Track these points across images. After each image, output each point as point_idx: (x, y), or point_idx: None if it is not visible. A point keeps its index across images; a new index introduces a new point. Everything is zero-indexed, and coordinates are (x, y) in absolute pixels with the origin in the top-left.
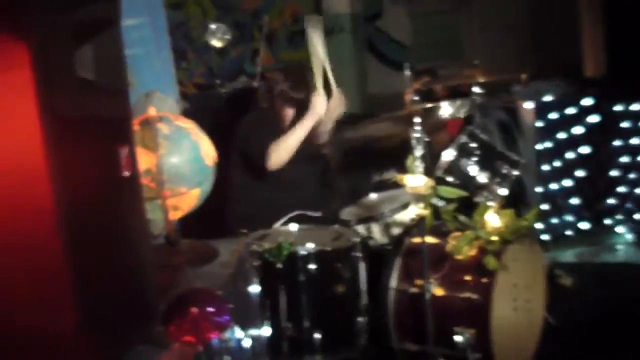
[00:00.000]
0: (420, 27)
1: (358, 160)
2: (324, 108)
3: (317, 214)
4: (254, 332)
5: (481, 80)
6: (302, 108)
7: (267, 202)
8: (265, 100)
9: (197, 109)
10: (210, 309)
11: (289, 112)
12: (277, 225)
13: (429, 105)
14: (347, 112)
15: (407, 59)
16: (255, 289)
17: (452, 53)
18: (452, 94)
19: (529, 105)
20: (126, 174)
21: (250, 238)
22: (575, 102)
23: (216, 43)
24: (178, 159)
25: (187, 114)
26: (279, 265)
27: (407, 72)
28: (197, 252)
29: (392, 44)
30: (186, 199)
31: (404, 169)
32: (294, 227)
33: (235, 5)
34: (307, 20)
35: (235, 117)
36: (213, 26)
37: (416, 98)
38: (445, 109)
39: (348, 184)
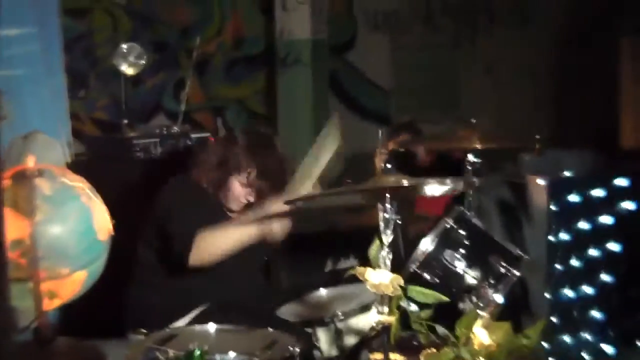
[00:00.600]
0: (403, 65)
1: (308, 242)
2: (283, 229)
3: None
4: None
5: (479, 145)
6: (261, 194)
7: (182, 291)
8: (206, 165)
9: (95, 156)
10: None
11: (242, 195)
12: (188, 319)
13: (405, 180)
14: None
15: (384, 107)
16: None
17: (444, 104)
18: (439, 161)
19: (541, 181)
20: None
21: (151, 340)
22: (605, 182)
23: (127, 69)
24: (60, 229)
25: (79, 164)
26: None
27: (382, 130)
28: (78, 355)
29: (364, 84)
30: (67, 283)
31: (366, 260)
32: (212, 327)
33: (158, 18)
34: (331, 119)
35: (151, 177)
36: (125, 46)
37: (389, 166)
38: (430, 188)
39: (292, 272)
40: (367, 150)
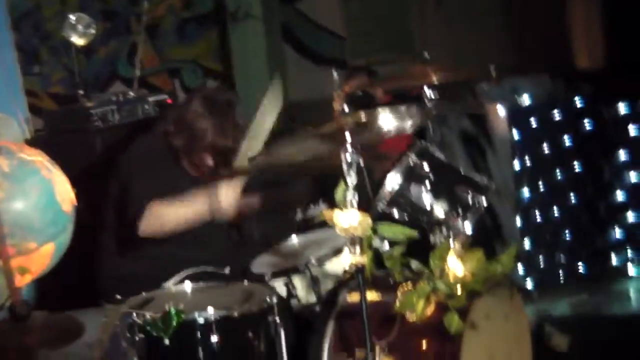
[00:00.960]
0: (355, 10)
1: (274, 194)
2: (229, 202)
3: (224, 272)
4: None
5: (436, 79)
6: (223, 157)
7: (154, 259)
8: (165, 130)
9: (54, 130)
10: None
11: (201, 159)
12: (165, 286)
13: (364, 116)
14: None
15: (338, 52)
16: None
17: (398, 44)
18: (397, 100)
19: (501, 110)
20: None
21: (128, 305)
22: (563, 104)
23: (78, 39)
24: (23, 205)
25: (39, 140)
26: (167, 342)
27: (337, 72)
28: (55, 328)
29: (318, 33)
30: (36, 257)
31: (335, 205)
32: (187, 286)
33: None
34: (272, 84)
35: (112, 145)
36: (72, 17)
37: (347, 106)
38: (388, 121)
39: (262, 225)
40: (325, 97)
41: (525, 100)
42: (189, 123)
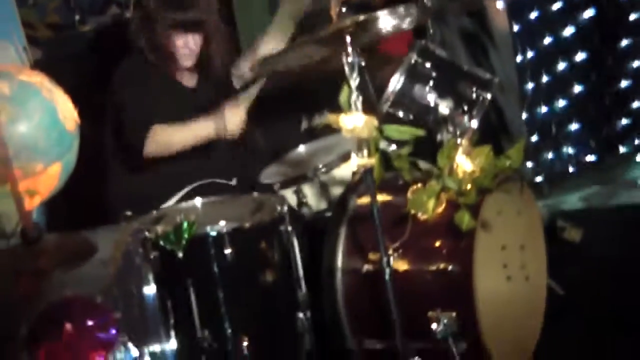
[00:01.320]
0: None
1: (278, 104)
2: (238, 125)
3: (231, 183)
4: (155, 347)
5: None
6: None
7: (161, 175)
8: (145, 38)
9: (54, 58)
10: (90, 323)
11: (183, 46)
12: (174, 201)
13: (362, 18)
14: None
15: None
16: (150, 290)
17: None
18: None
19: (500, 4)
20: None
21: (139, 222)
22: None
23: None
24: (27, 126)
25: (40, 66)
26: (180, 255)
27: None
28: (67, 249)
29: None
30: (44, 178)
31: (338, 108)
32: (197, 201)
33: None
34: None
35: (107, 63)
36: None
37: (344, 9)
38: (386, 22)
39: (268, 136)
40: (323, 6)
41: None
42: (145, 9)
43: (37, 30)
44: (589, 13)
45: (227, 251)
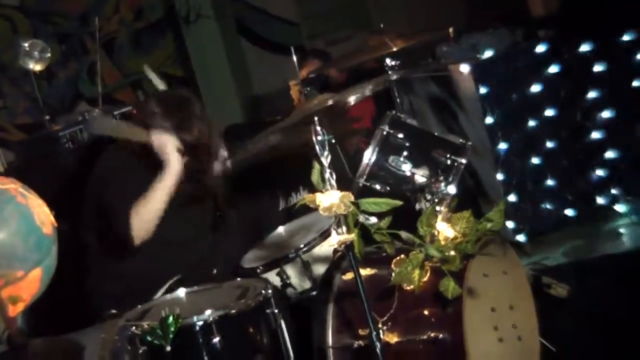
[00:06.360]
0: None
1: (255, 186)
2: (178, 164)
3: (212, 272)
4: None
5: (395, 48)
6: (194, 152)
7: (144, 273)
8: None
9: (26, 159)
10: None
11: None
12: (158, 295)
13: (329, 98)
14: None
15: (295, 39)
16: None
17: (355, 21)
18: (354, 76)
19: (464, 68)
20: None
21: (125, 319)
22: (525, 52)
23: (35, 65)
24: (5, 234)
25: (13, 171)
26: (168, 348)
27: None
28: (55, 353)
29: (272, 22)
30: (25, 284)
31: (315, 189)
32: (181, 292)
33: (55, 11)
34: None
35: (84, 162)
36: (26, 44)
37: (308, 89)
38: (352, 96)
39: (246, 220)
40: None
41: (487, 54)
42: (147, 124)
43: (9, 133)
44: (553, 68)
45: (216, 339)
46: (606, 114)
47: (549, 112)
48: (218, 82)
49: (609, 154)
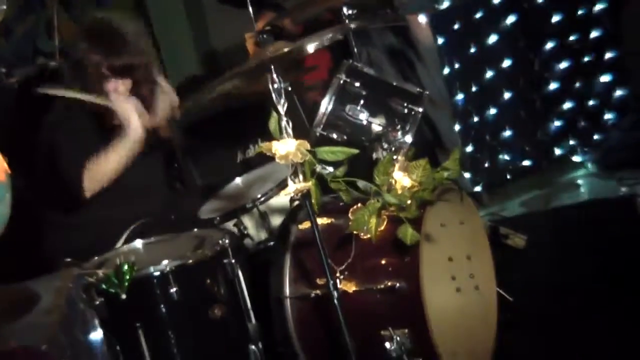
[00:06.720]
0: None
1: (212, 138)
2: (140, 130)
3: (169, 220)
4: None
5: None
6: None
7: (100, 221)
8: (78, 84)
9: None
10: None
11: (114, 90)
12: (117, 246)
13: (284, 45)
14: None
15: None
16: (97, 335)
17: None
18: (311, 28)
19: (422, 18)
20: None
21: (80, 268)
22: (483, 3)
23: None
24: None
25: None
26: (124, 297)
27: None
28: (9, 300)
29: None
30: None
31: (271, 137)
32: (138, 243)
33: None
34: None
35: (35, 113)
36: None
37: (264, 37)
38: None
39: (204, 171)
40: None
41: (445, 5)
42: (80, 60)
43: None
44: (511, 19)
45: (173, 290)
46: (564, 65)
47: (507, 63)
48: (176, 35)
49: (567, 105)
